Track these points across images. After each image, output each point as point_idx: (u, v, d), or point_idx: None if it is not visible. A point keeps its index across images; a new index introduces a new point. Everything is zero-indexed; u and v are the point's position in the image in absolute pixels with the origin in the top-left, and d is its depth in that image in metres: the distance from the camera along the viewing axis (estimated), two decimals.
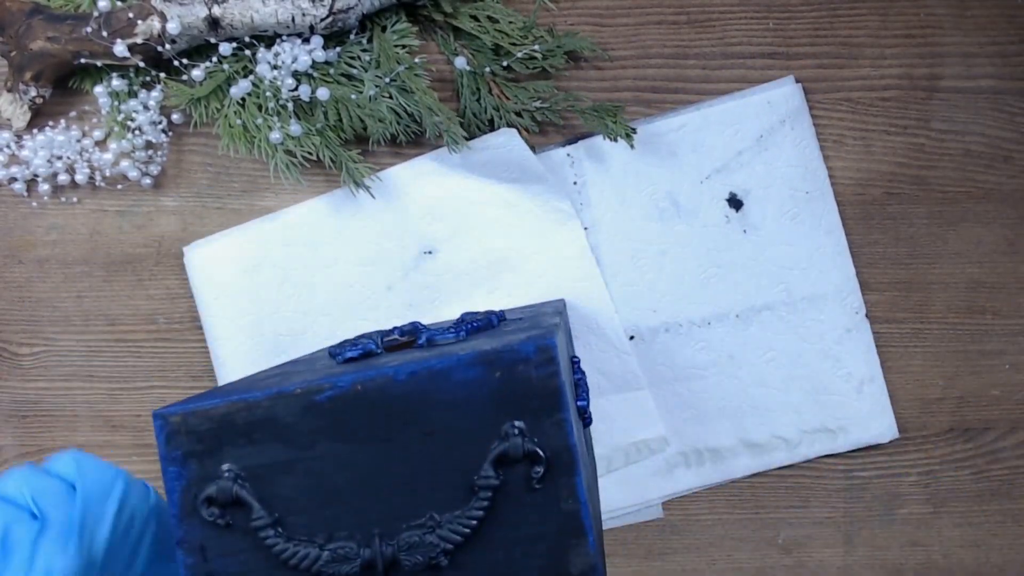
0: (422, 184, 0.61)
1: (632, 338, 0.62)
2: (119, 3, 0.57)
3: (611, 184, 0.62)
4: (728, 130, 0.62)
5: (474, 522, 0.35)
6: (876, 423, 0.62)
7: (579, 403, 0.45)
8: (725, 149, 0.62)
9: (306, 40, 0.58)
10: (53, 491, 0.35)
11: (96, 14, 0.56)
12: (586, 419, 0.47)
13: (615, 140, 0.59)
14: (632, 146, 0.60)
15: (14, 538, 0.33)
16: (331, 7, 0.56)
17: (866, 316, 0.62)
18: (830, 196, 0.62)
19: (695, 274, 0.62)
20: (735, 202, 0.62)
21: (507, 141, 0.60)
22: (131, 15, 0.56)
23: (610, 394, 0.61)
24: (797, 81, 0.62)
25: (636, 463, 0.62)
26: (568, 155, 0.61)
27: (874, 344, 0.62)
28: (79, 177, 0.60)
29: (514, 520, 0.36)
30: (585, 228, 0.61)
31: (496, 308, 0.58)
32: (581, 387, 0.47)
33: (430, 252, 0.61)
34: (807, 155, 0.62)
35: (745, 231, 0.62)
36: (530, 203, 0.61)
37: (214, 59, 0.58)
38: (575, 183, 0.62)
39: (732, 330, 0.62)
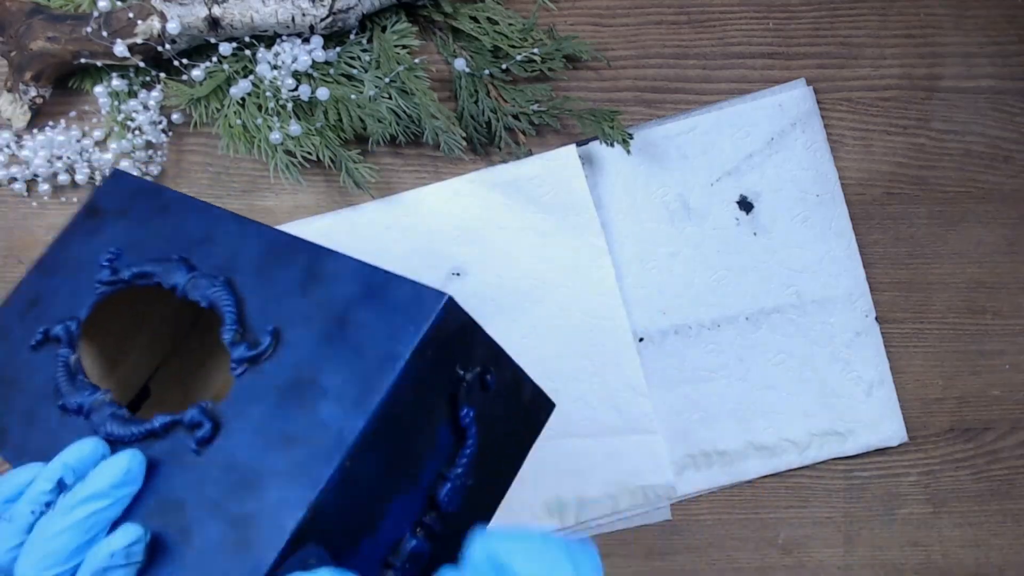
0: (457, 204, 0.61)
1: (641, 340, 0.61)
2: (119, 3, 0.57)
3: (622, 185, 0.62)
4: (739, 132, 0.62)
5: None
6: (885, 426, 0.62)
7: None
8: (736, 151, 0.62)
9: (306, 40, 0.58)
10: None
11: (96, 14, 0.56)
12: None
13: (611, 145, 0.59)
14: (628, 151, 0.60)
15: None
16: (331, 7, 0.56)
17: (876, 319, 0.62)
18: (840, 199, 0.62)
19: (705, 276, 0.62)
20: (745, 204, 0.62)
21: (565, 159, 0.60)
22: (131, 15, 0.56)
23: (623, 434, 0.60)
24: (808, 84, 0.62)
25: (641, 509, 0.61)
26: (579, 156, 0.61)
27: (883, 347, 0.62)
28: (79, 177, 0.60)
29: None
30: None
31: (516, 337, 0.58)
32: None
33: (458, 274, 0.61)
34: (817, 158, 0.62)
35: (755, 233, 0.62)
36: (564, 235, 0.61)
37: (214, 59, 0.58)
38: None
39: (741, 332, 0.62)
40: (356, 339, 0.33)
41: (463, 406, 0.34)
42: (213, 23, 0.56)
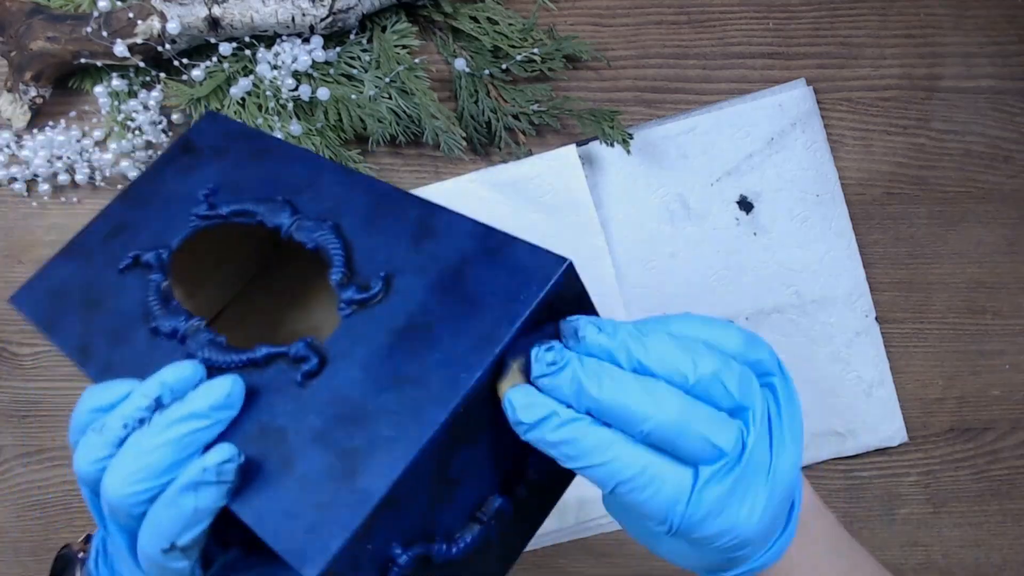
0: (457, 204, 0.60)
1: None
2: (119, 3, 0.57)
3: (622, 185, 0.62)
4: (739, 133, 0.62)
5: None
6: (885, 427, 0.62)
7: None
8: (736, 152, 0.62)
9: (306, 40, 0.58)
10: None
11: (96, 14, 0.56)
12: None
13: (611, 145, 0.59)
14: (628, 151, 0.60)
15: None
16: (331, 7, 0.56)
17: (876, 319, 0.62)
18: (840, 199, 0.62)
19: (705, 276, 0.62)
20: (745, 204, 0.62)
21: (565, 159, 0.60)
22: (131, 15, 0.56)
23: None
24: (808, 84, 0.62)
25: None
26: (579, 156, 0.61)
27: (883, 347, 0.62)
28: (79, 177, 0.60)
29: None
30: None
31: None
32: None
33: None
34: (817, 158, 0.62)
35: (755, 233, 0.62)
36: (564, 235, 0.61)
37: (214, 59, 0.58)
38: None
39: None
40: (472, 293, 0.32)
41: None
42: (213, 23, 0.56)
